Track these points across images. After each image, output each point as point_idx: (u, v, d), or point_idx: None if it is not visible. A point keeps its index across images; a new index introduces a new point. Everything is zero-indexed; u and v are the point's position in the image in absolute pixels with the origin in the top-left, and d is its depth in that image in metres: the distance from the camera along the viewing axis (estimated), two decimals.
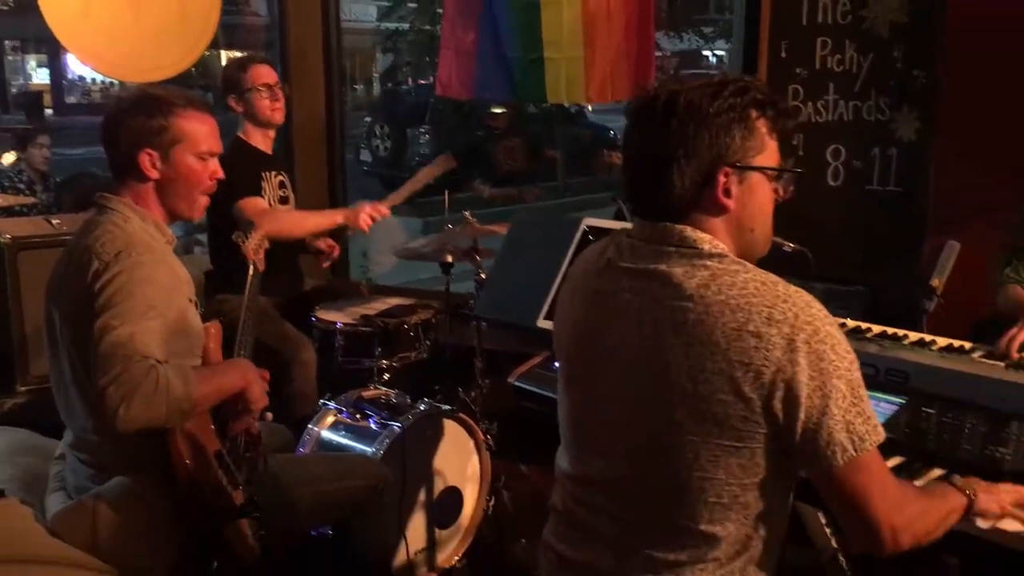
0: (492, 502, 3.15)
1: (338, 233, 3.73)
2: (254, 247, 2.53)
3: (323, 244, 3.67)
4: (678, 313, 1.38)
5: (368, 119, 15.88)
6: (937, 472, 1.81)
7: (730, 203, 1.45)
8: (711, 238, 1.44)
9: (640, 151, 1.48)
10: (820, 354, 1.33)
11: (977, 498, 1.57)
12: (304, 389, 3.22)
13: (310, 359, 3.29)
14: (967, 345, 2.32)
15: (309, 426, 3.00)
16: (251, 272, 2.48)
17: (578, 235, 2.66)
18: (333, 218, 3.45)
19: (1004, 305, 2.64)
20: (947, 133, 3.49)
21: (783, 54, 3.84)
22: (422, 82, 17.19)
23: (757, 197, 1.47)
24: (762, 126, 1.45)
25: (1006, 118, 2.69)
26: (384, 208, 3.34)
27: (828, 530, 2.42)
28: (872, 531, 1.39)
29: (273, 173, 3.50)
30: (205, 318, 2.16)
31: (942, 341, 2.37)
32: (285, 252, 3.53)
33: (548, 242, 2.74)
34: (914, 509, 1.45)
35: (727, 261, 1.42)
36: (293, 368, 3.22)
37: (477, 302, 3.16)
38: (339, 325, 3.23)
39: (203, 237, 4.77)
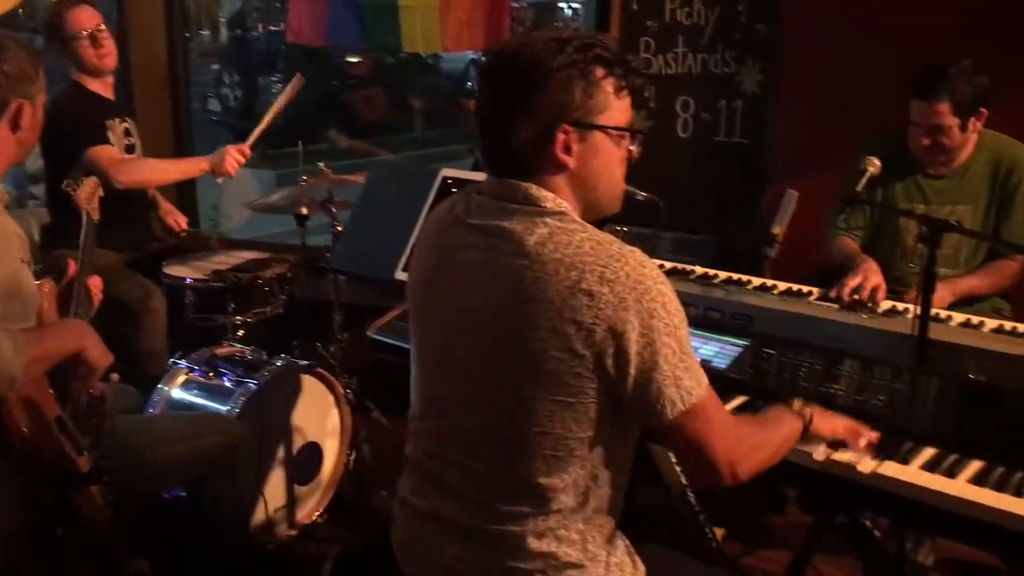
0: (352, 456, 3.13)
1: (189, 193, 3.59)
2: (87, 196, 2.37)
3: (172, 222, 3.53)
4: (516, 270, 1.39)
5: (216, 67, 15.18)
6: None
7: (570, 160, 1.45)
8: (554, 196, 1.45)
9: (486, 105, 1.48)
10: (651, 312, 1.36)
11: (812, 422, 1.67)
12: (153, 346, 3.10)
13: (159, 307, 3.17)
14: (805, 289, 2.46)
15: (159, 386, 2.89)
16: (85, 222, 2.33)
17: (436, 186, 2.65)
18: (198, 165, 3.31)
19: (835, 255, 2.79)
20: (788, 86, 3.63)
21: (634, 6, 3.91)
22: (273, 28, 16.52)
23: (601, 156, 1.47)
24: (608, 85, 1.45)
25: (843, 72, 2.82)
26: (246, 148, 3.23)
27: (677, 468, 2.52)
28: (712, 469, 1.46)
29: (118, 120, 3.30)
30: (45, 273, 2.04)
31: (782, 285, 2.50)
32: (134, 206, 3.37)
33: (406, 193, 2.71)
34: (751, 443, 1.52)
35: (567, 220, 1.43)
36: (143, 318, 3.09)
37: (334, 254, 3.10)
38: (189, 281, 3.12)
39: (36, 190, 4.48)
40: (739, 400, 1.96)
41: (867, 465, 1.67)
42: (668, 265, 2.75)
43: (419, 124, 12.88)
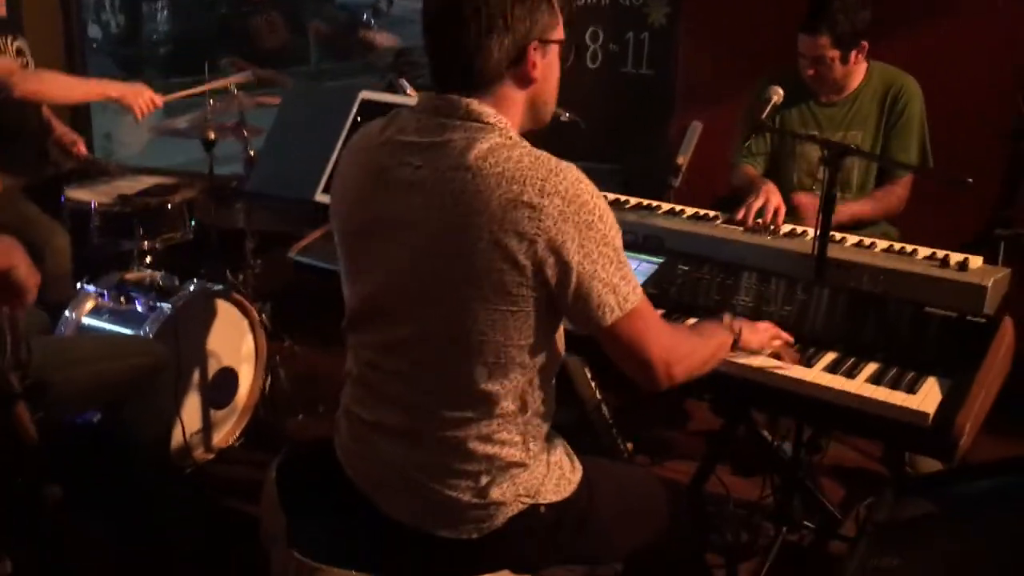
0: (268, 381, 3.14)
1: (83, 119, 3.44)
2: None
3: (68, 140, 3.38)
4: (458, 183, 1.42)
5: None
6: (691, 321, 2.02)
7: (536, 75, 1.50)
8: (494, 111, 1.48)
9: (452, 17, 1.47)
10: (589, 224, 1.42)
11: (741, 335, 1.77)
12: (57, 273, 3.00)
13: (63, 246, 3.06)
14: (712, 213, 2.57)
15: (66, 312, 2.82)
16: None
17: (355, 108, 2.63)
18: (106, 89, 3.14)
19: (737, 182, 2.90)
20: (693, 19, 3.72)
21: None
22: None
23: (552, 70, 1.53)
24: (556, 2, 1.50)
25: (745, 6, 2.91)
26: (160, 101, 3.12)
27: (592, 382, 2.63)
28: (648, 370, 1.53)
29: (10, 38, 3.14)
30: None
31: (690, 210, 2.60)
32: (29, 127, 3.22)
33: (323, 115, 2.68)
34: (685, 348, 1.61)
35: (506, 135, 1.47)
36: (44, 255, 2.98)
37: (248, 179, 3.05)
38: (94, 205, 3.02)
39: None
40: (657, 314, 2.05)
41: (775, 367, 1.79)
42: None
43: (314, 55, 12.53)
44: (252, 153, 3.17)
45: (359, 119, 2.64)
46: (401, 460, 1.56)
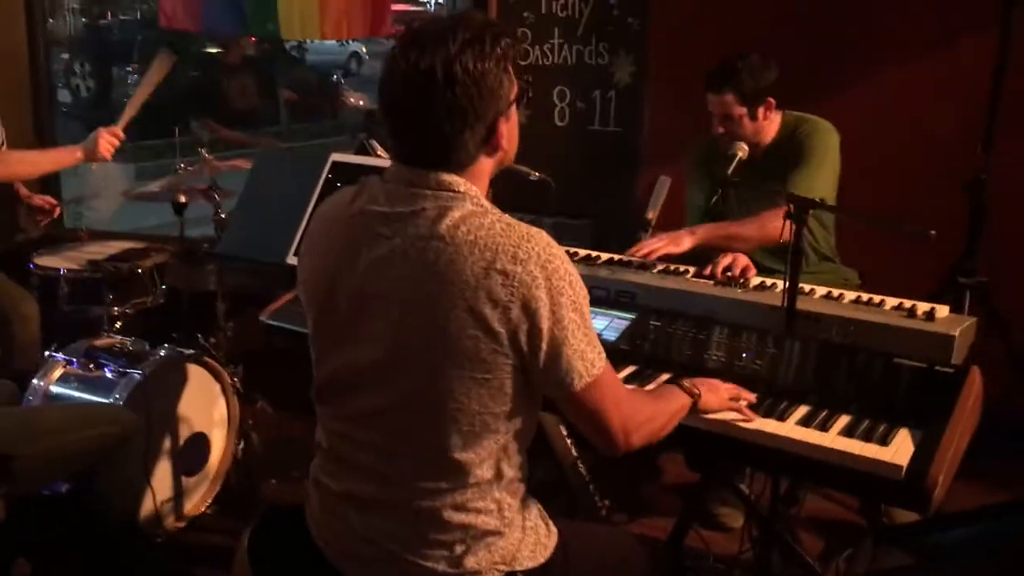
0: (241, 446, 3.10)
1: (53, 187, 3.43)
2: None
3: (42, 201, 3.37)
4: (431, 252, 1.42)
5: (66, 56, 14.41)
6: (665, 376, 2.03)
7: (504, 143, 1.52)
8: (464, 180, 1.49)
9: (422, 118, 1.47)
10: (560, 290, 1.43)
11: (701, 397, 1.78)
12: (26, 342, 2.96)
13: (32, 314, 3.03)
14: (682, 268, 2.59)
15: (34, 381, 2.77)
16: None
17: (326, 169, 2.64)
18: (72, 154, 3.15)
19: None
20: (658, 77, 3.80)
21: None
22: (124, 17, 15.84)
23: (514, 124, 1.55)
24: (510, 66, 1.51)
25: (710, 63, 2.96)
26: (119, 130, 3.12)
27: (568, 440, 2.62)
28: (607, 437, 1.55)
29: None
30: None
31: (661, 265, 2.62)
32: None
33: (294, 178, 2.69)
34: (644, 414, 1.62)
35: (476, 203, 1.48)
36: (13, 324, 2.94)
37: (219, 242, 3.04)
38: (63, 271, 3.00)
39: None
40: (630, 369, 2.06)
41: (750, 423, 1.80)
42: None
43: (285, 116, 12.63)
44: (223, 216, 3.16)
45: (331, 180, 2.65)
46: (373, 531, 1.54)
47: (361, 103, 4.07)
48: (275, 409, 3.39)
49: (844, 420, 1.79)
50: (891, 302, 2.28)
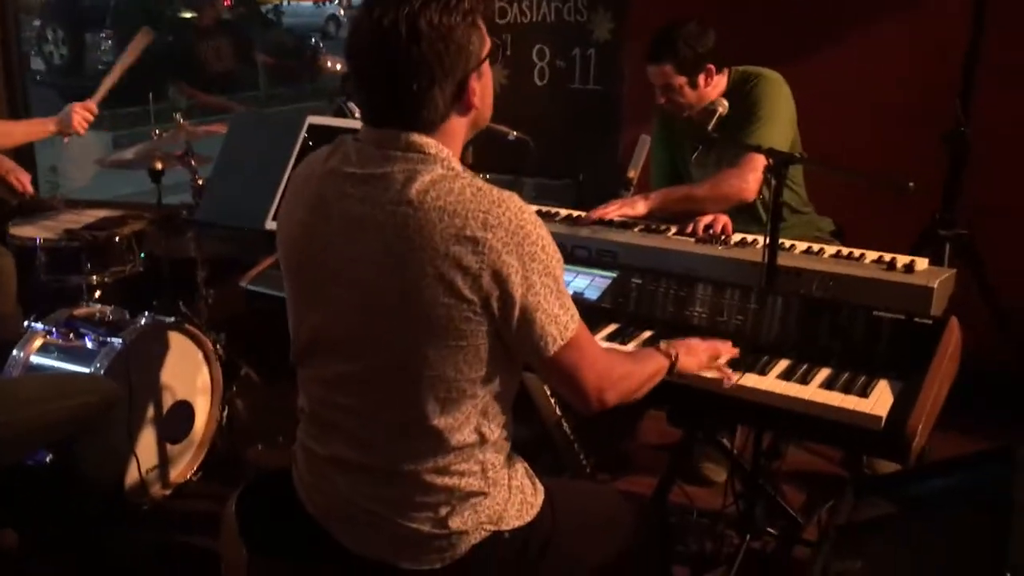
0: (225, 412, 3.09)
1: (27, 155, 3.37)
2: None
3: (15, 181, 3.32)
4: (400, 218, 1.40)
5: (38, 23, 14.15)
6: (648, 334, 2.03)
7: (476, 101, 1.49)
8: (436, 142, 1.47)
9: (389, 76, 1.44)
10: (532, 255, 1.42)
11: (678, 359, 1.78)
12: (4, 310, 2.94)
13: (8, 267, 3.00)
14: (663, 226, 2.59)
15: (14, 352, 2.75)
16: None
17: (302, 133, 2.62)
18: (44, 126, 3.12)
19: None
20: (637, 34, 3.75)
21: None
22: None
23: (486, 80, 1.52)
24: (480, 21, 1.48)
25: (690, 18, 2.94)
26: (93, 105, 3.07)
27: (552, 400, 2.63)
28: (582, 396, 1.55)
29: None
30: None
31: (642, 222, 2.62)
32: None
33: (271, 141, 2.67)
34: (618, 372, 1.62)
35: (447, 166, 1.45)
36: None
37: (197, 208, 3.02)
38: (39, 241, 2.96)
39: None
40: (611, 327, 2.06)
41: (731, 379, 1.80)
42: (534, 208, 2.82)
43: (263, 81, 12.47)
44: (200, 182, 3.13)
45: (308, 144, 2.62)
46: (358, 494, 1.54)
47: (339, 67, 4.03)
48: (259, 375, 3.39)
49: (825, 373, 1.81)
50: (871, 255, 2.29)
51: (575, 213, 2.72)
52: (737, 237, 2.49)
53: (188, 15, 11.46)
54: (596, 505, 1.78)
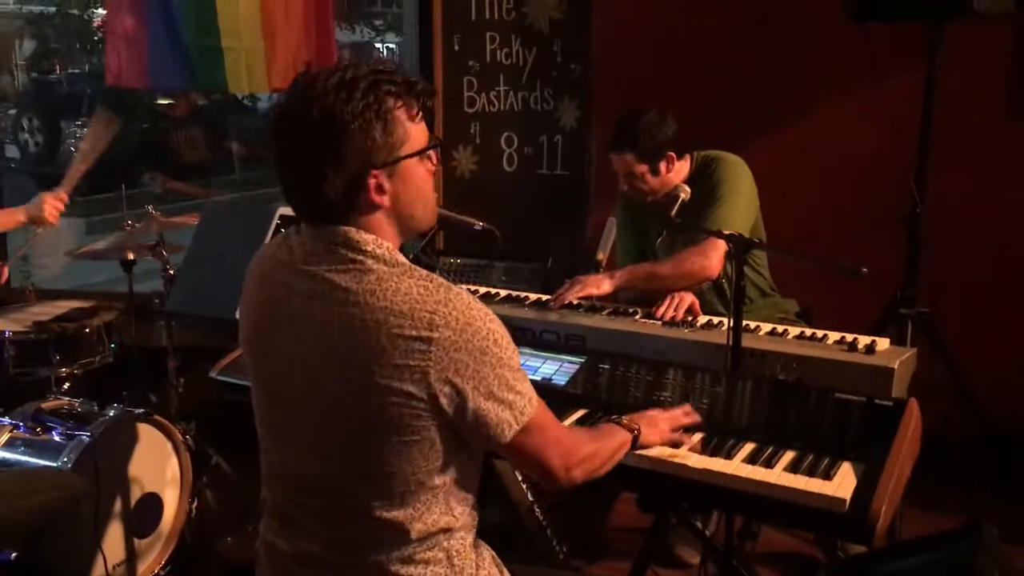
0: (195, 504, 3.05)
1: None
2: None
3: None
4: (347, 319, 1.39)
5: (13, 111, 14.27)
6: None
7: (384, 200, 1.46)
8: (375, 238, 1.45)
9: (288, 158, 1.45)
10: (483, 350, 1.41)
11: (641, 432, 1.79)
12: None
13: None
14: (631, 309, 2.63)
15: None
16: None
17: (273, 224, 2.65)
18: (15, 217, 3.10)
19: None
20: (602, 119, 3.86)
21: (456, 47, 4.04)
22: (74, 71, 15.74)
23: (412, 183, 1.48)
24: (402, 115, 1.44)
25: (649, 102, 3.03)
26: (64, 194, 3.09)
27: (524, 485, 2.63)
28: (549, 474, 1.56)
29: None
30: None
31: (610, 307, 2.66)
32: None
33: (242, 232, 2.70)
34: (584, 451, 1.62)
35: (391, 263, 1.44)
36: None
37: (168, 298, 3.03)
38: (8, 334, 2.95)
39: None
40: (580, 412, 2.07)
41: (697, 461, 1.82)
42: (503, 293, 2.86)
43: (239, 166, 12.57)
44: (172, 271, 3.15)
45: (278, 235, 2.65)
46: None
47: None
48: (230, 464, 3.35)
49: (790, 456, 1.82)
50: (833, 336, 2.33)
51: (544, 297, 2.76)
52: (704, 319, 2.54)
53: (165, 101, 11.61)
54: None
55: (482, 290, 2.88)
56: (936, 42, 3.01)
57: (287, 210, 2.74)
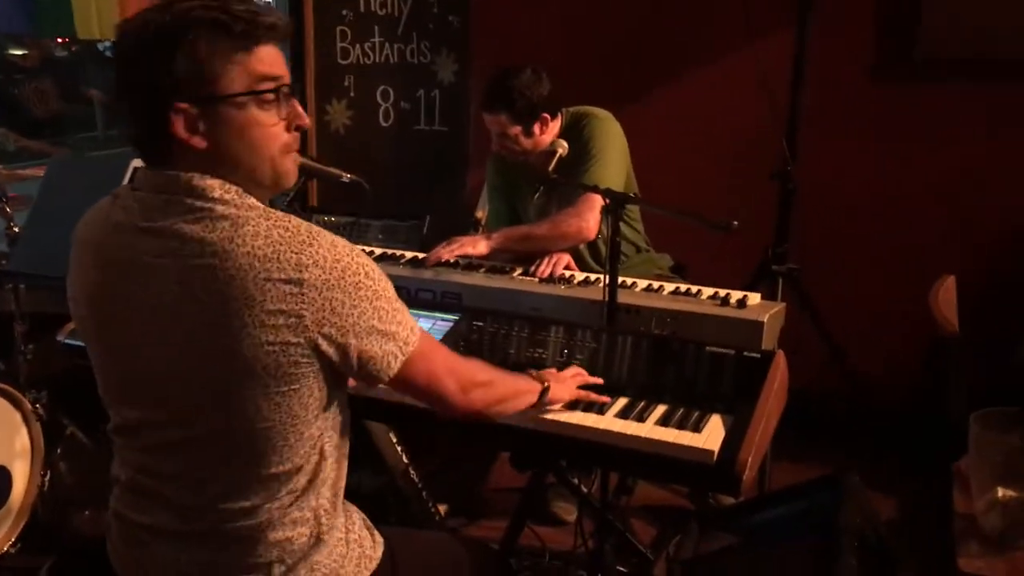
0: (47, 476, 2.89)
1: None
2: None
3: None
4: (206, 271, 1.31)
5: None
6: None
7: (199, 142, 1.35)
8: (220, 183, 1.36)
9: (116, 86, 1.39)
10: (356, 285, 1.36)
11: (550, 389, 1.78)
12: None
13: None
14: (508, 267, 2.62)
15: None
16: None
17: (127, 176, 2.51)
18: None
19: None
20: (480, 74, 3.82)
21: None
22: None
23: (235, 127, 1.37)
24: (222, 46, 1.33)
25: (530, 60, 3.00)
26: None
27: (399, 447, 2.59)
28: (445, 399, 1.53)
29: None
30: None
31: (487, 264, 2.64)
32: None
33: (92, 187, 2.52)
34: (481, 377, 1.61)
35: (243, 206, 1.36)
36: None
37: (11, 259, 2.84)
38: None
39: None
40: (443, 347, 2.04)
41: (570, 417, 1.82)
42: (378, 251, 2.81)
43: (100, 121, 11.93)
44: (16, 229, 2.95)
45: None
46: (182, 563, 1.46)
47: None
48: (87, 435, 3.20)
49: (661, 410, 1.84)
50: (707, 291, 2.37)
51: (420, 255, 2.72)
52: (580, 276, 2.55)
53: (19, 52, 10.86)
54: (439, 554, 1.75)
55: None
56: (806, 7, 3.08)
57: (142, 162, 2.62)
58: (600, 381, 1.91)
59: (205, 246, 1.33)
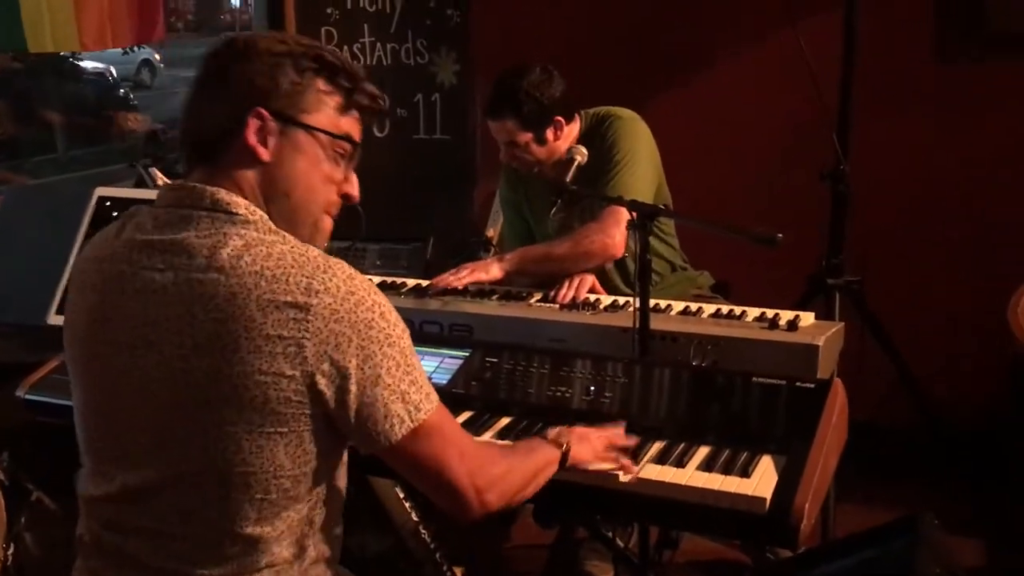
0: (11, 550, 2.91)
1: None
2: None
3: None
4: (207, 286, 1.36)
5: None
6: (505, 420, 2.02)
7: (263, 152, 1.46)
8: (247, 203, 1.44)
9: (192, 87, 1.53)
10: (368, 322, 1.38)
11: (571, 449, 1.74)
12: None
13: None
14: (525, 292, 2.62)
15: None
16: None
17: (91, 209, 2.54)
18: None
19: None
20: (485, 74, 3.83)
21: None
22: None
23: (301, 159, 1.50)
24: (325, 93, 1.50)
25: (539, 55, 3.00)
26: None
27: (407, 504, 2.59)
28: (455, 495, 1.49)
29: None
30: None
31: (500, 290, 2.64)
32: None
33: (52, 220, 2.58)
34: (499, 469, 1.57)
35: (264, 229, 1.42)
36: None
37: None
38: None
39: None
40: (465, 415, 2.04)
41: (598, 465, 1.81)
42: (377, 279, 2.81)
43: (61, 142, 12.06)
44: None
45: (98, 222, 2.55)
46: None
47: (139, 125, 3.95)
48: (54, 501, 3.21)
49: (703, 452, 1.83)
50: (753, 312, 2.36)
51: (424, 283, 2.72)
52: (607, 300, 2.54)
53: None
54: None
55: None
56: None
57: (108, 190, 2.65)
58: (636, 442, 1.86)
59: (212, 260, 1.37)
